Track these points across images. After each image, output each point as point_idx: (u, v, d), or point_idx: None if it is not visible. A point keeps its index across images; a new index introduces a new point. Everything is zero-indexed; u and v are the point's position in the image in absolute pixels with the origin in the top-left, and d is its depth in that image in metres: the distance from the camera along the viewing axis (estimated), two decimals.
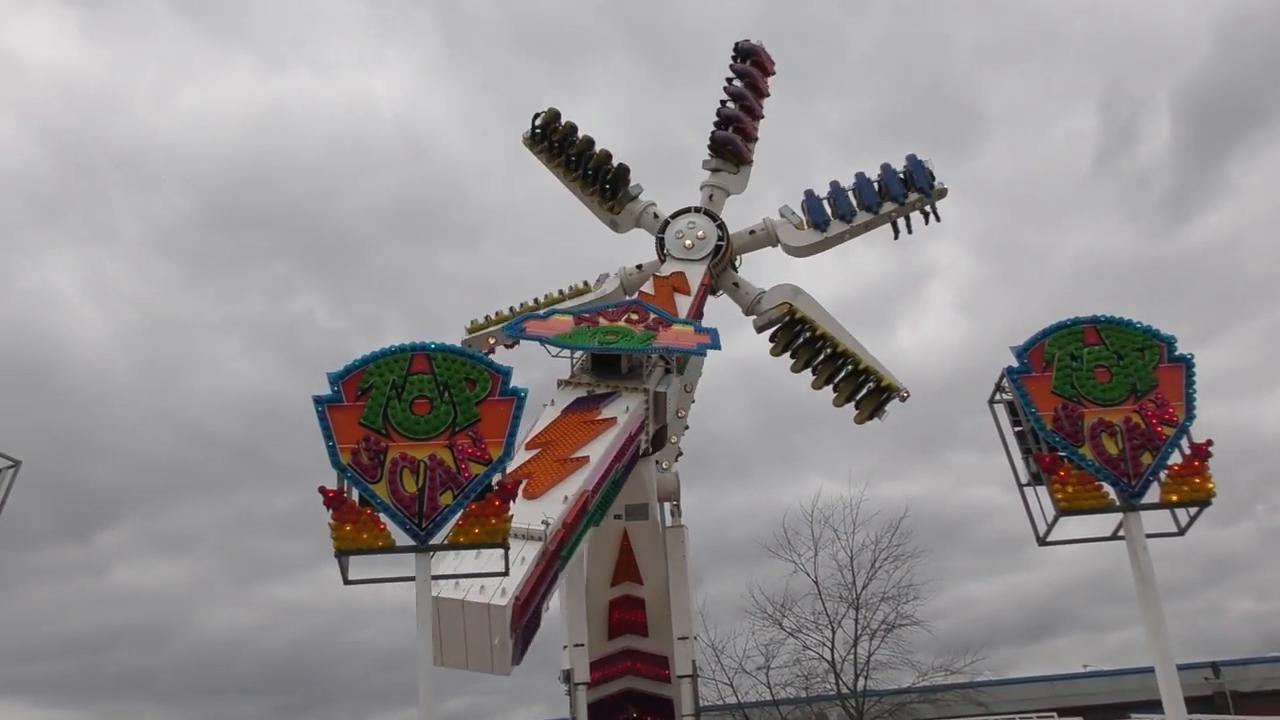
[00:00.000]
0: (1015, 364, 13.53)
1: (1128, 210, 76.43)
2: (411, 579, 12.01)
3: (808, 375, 20.78)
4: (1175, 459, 13.09)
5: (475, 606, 12.08)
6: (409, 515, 11.71)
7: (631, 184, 22.70)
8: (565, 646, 20.25)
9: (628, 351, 17.81)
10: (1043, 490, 13.25)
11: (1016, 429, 13.62)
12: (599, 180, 22.53)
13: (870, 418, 20.17)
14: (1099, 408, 13.17)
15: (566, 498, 14.11)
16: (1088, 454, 12.95)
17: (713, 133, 23.25)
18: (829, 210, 21.88)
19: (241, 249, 78.77)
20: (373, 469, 11.79)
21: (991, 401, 13.85)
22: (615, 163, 22.74)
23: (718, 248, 21.61)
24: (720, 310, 22.75)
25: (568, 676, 22.61)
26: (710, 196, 22.78)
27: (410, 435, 11.96)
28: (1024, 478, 13.49)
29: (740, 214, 23.40)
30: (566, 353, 18.30)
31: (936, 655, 36.51)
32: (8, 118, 76.98)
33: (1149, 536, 12.90)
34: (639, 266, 22.35)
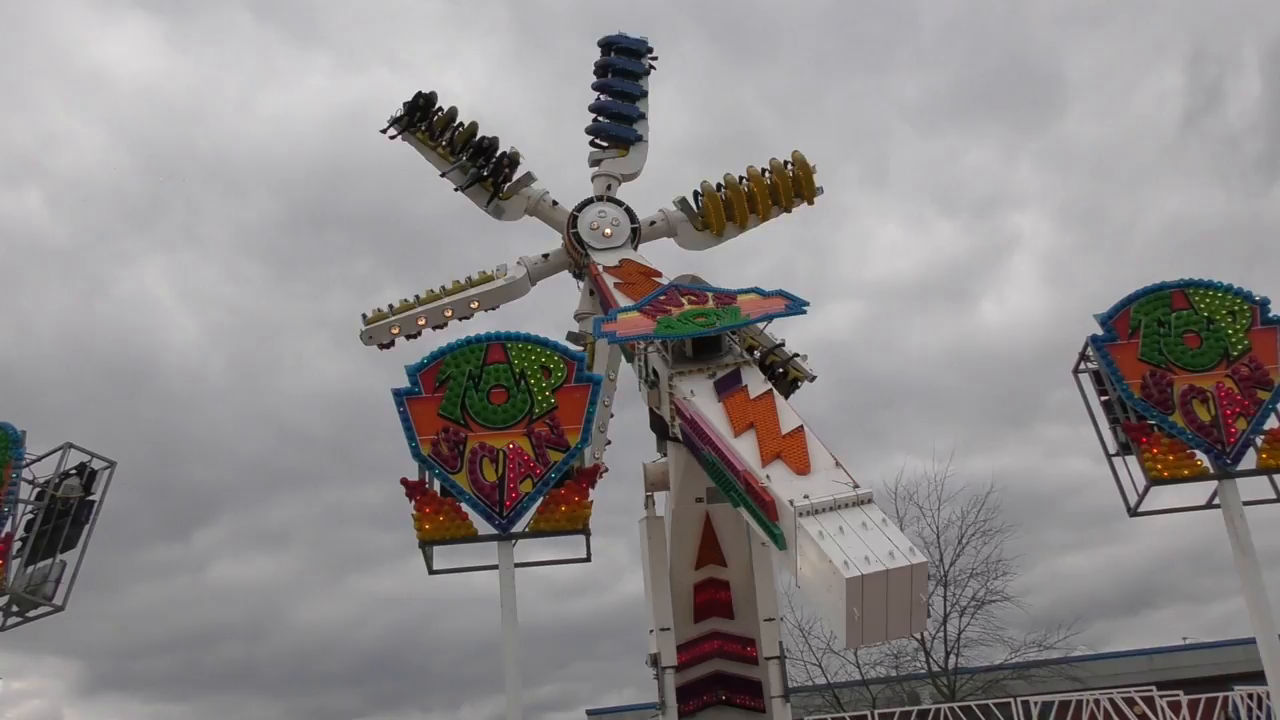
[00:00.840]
0: (1099, 332, 13.21)
1: (1218, 172, 74.07)
2: (495, 567, 12.13)
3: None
4: (1272, 423, 12.70)
5: (899, 571, 10.74)
6: (490, 504, 11.82)
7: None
8: (651, 631, 20.25)
9: (735, 327, 17.43)
10: (1133, 460, 12.94)
11: (1103, 398, 13.32)
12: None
13: None
14: (1189, 374, 12.82)
15: (837, 462, 11.94)
16: (1178, 421, 12.61)
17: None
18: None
19: (326, 248, 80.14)
20: (453, 459, 11.91)
21: (1076, 371, 13.55)
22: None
23: (633, 232, 21.19)
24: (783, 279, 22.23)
25: (655, 660, 22.64)
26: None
27: (489, 424, 12.06)
28: (1113, 448, 13.19)
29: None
30: None
31: (1029, 631, 35.96)
32: (101, 130, 79.21)
33: (1246, 504, 12.55)
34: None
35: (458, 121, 21.39)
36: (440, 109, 21.23)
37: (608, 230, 20.20)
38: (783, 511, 11.17)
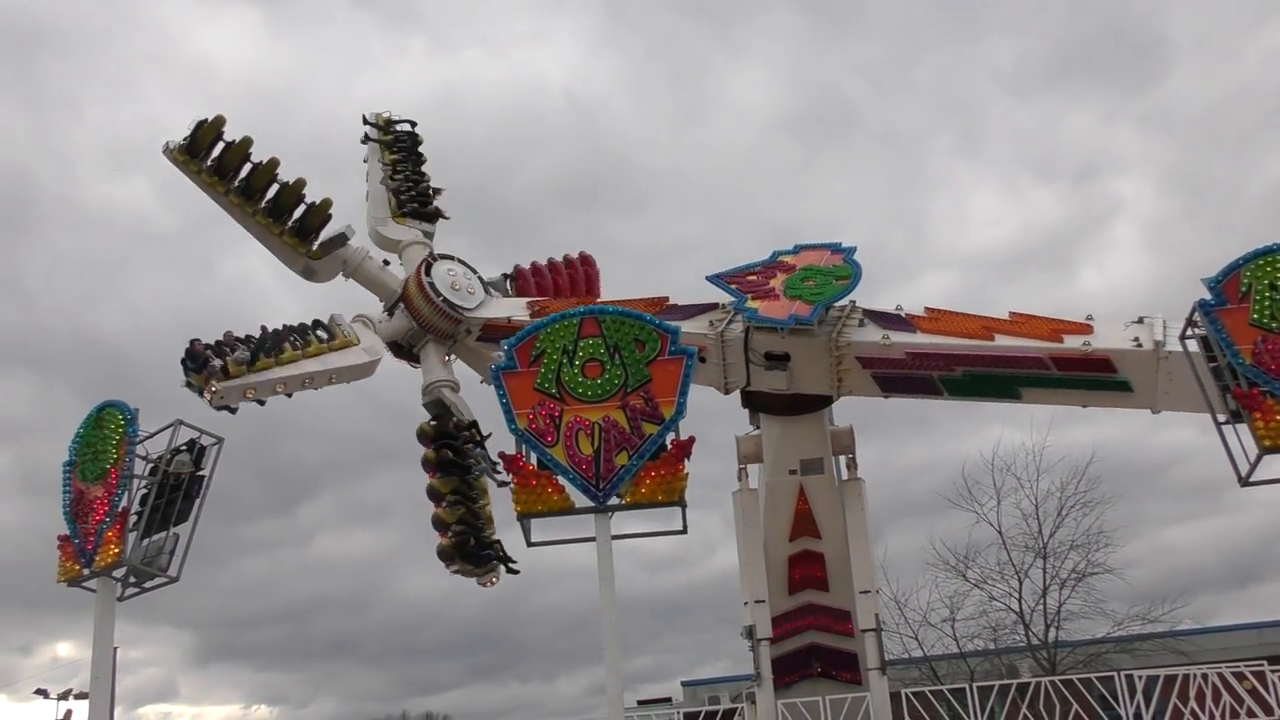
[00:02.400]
0: (1208, 297, 12.79)
1: None
2: (592, 539, 12.24)
3: None
4: None
5: None
6: (586, 477, 11.92)
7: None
8: (746, 603, 20.28)
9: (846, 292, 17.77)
10: (1243, 428, 12.52)
11: (1212, 364, 12.90)
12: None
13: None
14: None
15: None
16: None
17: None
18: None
19: None
20: (549, 433, 12.04)
21: (1183, 337, 13.16)
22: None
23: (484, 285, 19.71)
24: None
25: (750, 633, 22.65)
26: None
27: (584, 398, 12.15)
28: (1222, 415, 12.78)
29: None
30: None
31: (1132, 604, 35.16)
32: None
33: None
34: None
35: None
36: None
37: (471, 289, 19.15)
38: (1128, 358, 14.74)
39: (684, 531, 14.01)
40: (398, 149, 21.64)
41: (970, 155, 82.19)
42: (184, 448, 15.18)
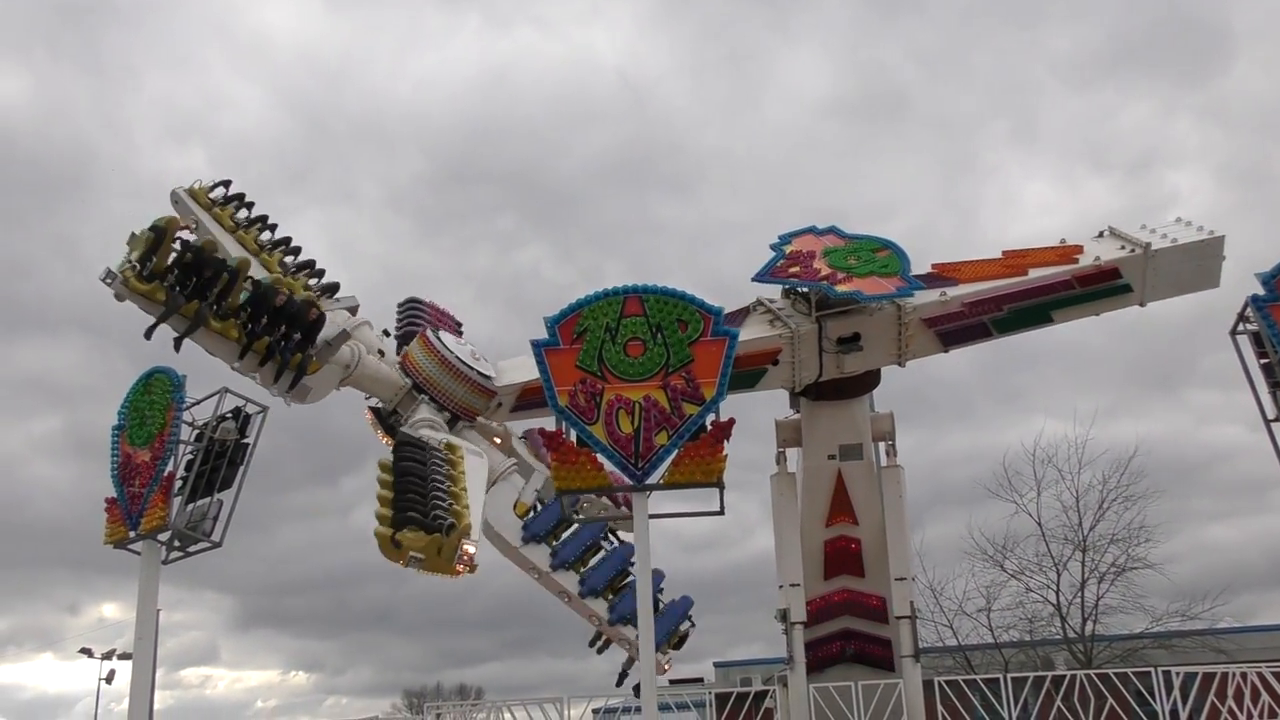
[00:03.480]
0: (1260, 291, 12.59)
1: None
2: (629, 517, 12.28)
3: None
4: None
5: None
6: (625, 455, 11.95)
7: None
8: (781, 586, 20.29)
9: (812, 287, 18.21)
10: None
11: (1263, 361, 12.73)
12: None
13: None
14: None
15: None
16: None
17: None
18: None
19: (472, 205, 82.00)
20: (589, 410, 12.07)
21: (1234, 333, 12.97)
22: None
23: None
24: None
25: (784, 615, 22.65)
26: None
27: (625, 377, 12.16)
28: (1271, 412, 12.62)
29: None
30: None
31: (1172, 600, 34.81)
32: (263, 91, 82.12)
33: None
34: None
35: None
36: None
37: (476, 354, 17.45)
38: (1128, 263, 18.00)
39: (721, 513, 14.02)
40: (239, 211, 17.89)
41: (1025, 143, 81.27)
42: (229, 415, 15.37)
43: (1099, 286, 18.44)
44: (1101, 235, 19.49)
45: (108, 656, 46.81)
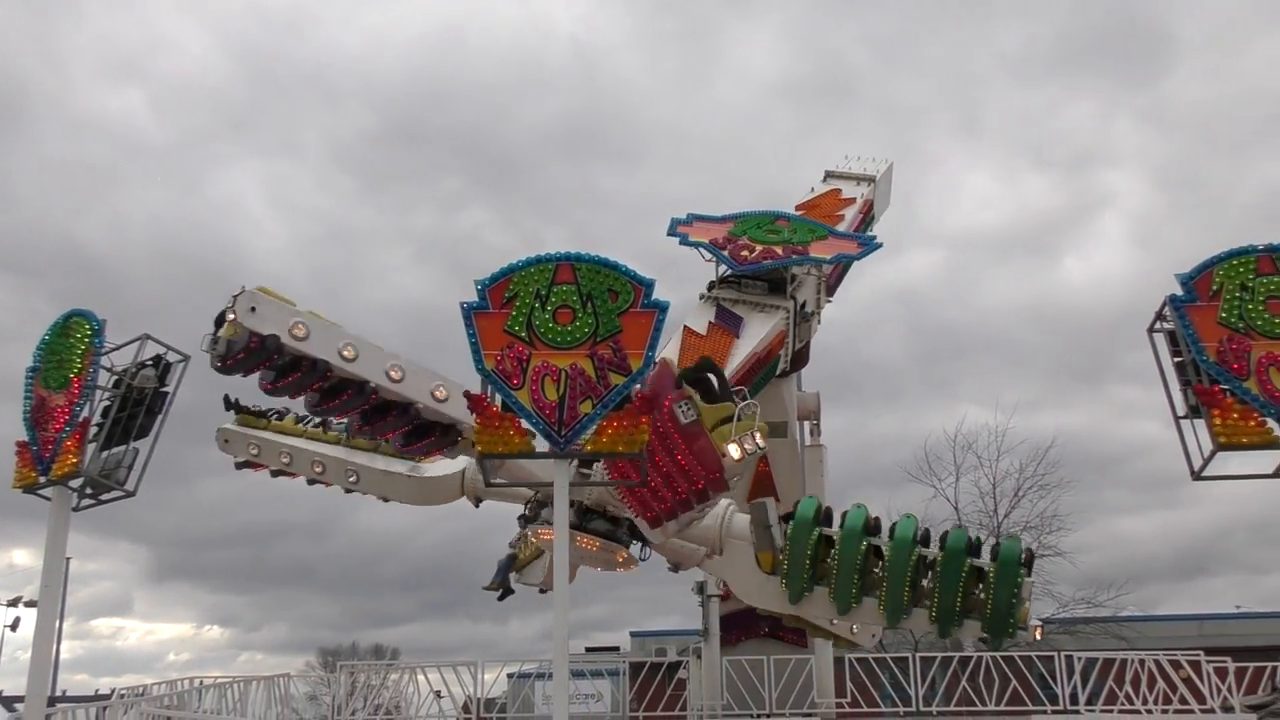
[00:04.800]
0: (1179, 292, 12.88)
1: None
2: (550, 485, 12.29)
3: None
4: None
5: None
6: (549, 422, 11.93)
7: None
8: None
9: (767, 268, 18.41)
10: (1201, 424, 12.68)
11: (1177, 360, 13.02)
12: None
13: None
14: (1269, 340, 12.46)
15: None
16: (1252, 388, 12.29)
17: None
18: None
19: (417, 164, 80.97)
20: (516, 375, 12.02)
21: (1151, 330, 13.24)
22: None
23: None
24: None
25: (701, 588, 22.92)
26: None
27: (553, 344, 12.13)
28: (1181, 410, 12.93)
29: None
30: None
31: (1079, 588, 35.82)
32: (208, 35, 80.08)
33: None
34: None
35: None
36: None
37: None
38: (875, 195, 23.20)
39: (643, 484, 14.12)
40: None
41: (969, 136, 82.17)
42: (149, 363, 15.05)
43: (867, 218, 22.87)
44: (826, 179, 23.99)
45: (14, 603, 45.99)
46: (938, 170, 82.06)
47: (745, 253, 18.91)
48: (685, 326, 18.46)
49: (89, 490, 14.56)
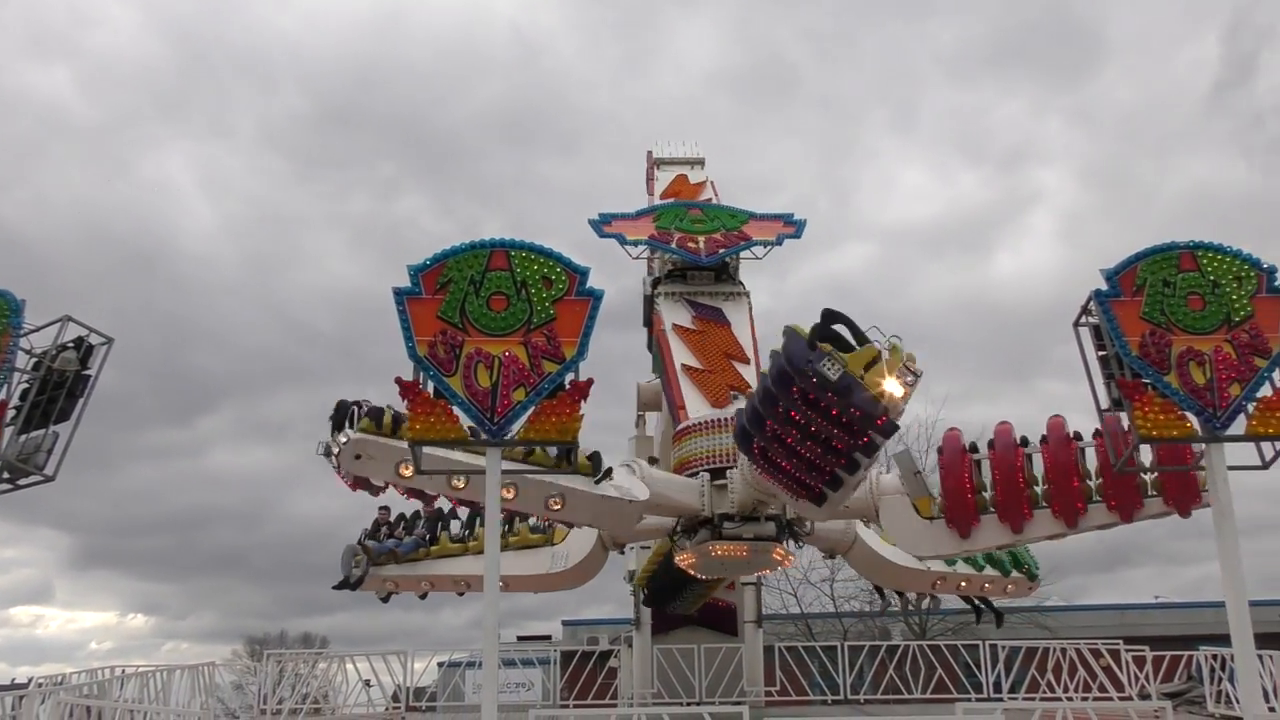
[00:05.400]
0: (1104, 287, 13.13)
1: (1242, 146, 73.47)
2: (482, 471, 12.22)
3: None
4: (1266, 391, 12.69)
5: None
6: (481, 409, 11.85)
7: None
8: (630, 547, 20.54)
9: (733, 253, 18.95)
10: (1124, 416, 12.96)
11: (1101, 354, 13.29)
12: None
13: None
14: (1189, 335, 12.77)
15: None
16: (1173, 382, 12.59)
17: None
18: None
19: (352, 149, 79.80)
20: (448, 362, 11.92)
21: (1076, 324, 13.50)
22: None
23: None
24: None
25: (632, 577, 22.95)
26: None
27: (486, 331, 12.05)
28: (1105, 403, 13.21)
29: None
30: None
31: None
32: (137, 12, 78.12)
33: (1231, 469, 12.57)
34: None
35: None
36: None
37: None
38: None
39: (574, 471, 14.10)
40: None
41: (904, 131, 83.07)
42: (71, 345, 14.71)
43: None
44: (659, 168, 25.03)
45: None
46: (872, 164, 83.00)
47: (691, 244, 19.10)
48: (675, 325, 18.64)
49: (6, 475, 14.19)
